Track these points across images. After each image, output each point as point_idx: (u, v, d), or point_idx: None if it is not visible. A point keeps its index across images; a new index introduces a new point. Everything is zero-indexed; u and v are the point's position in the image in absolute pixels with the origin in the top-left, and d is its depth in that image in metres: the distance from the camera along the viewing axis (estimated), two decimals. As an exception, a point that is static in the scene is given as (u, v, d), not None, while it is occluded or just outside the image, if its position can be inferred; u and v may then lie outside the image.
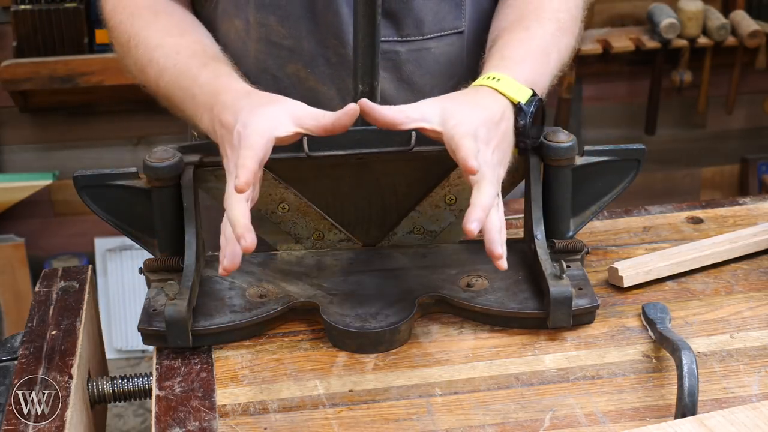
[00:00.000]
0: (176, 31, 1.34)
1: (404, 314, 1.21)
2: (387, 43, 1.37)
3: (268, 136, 1.12)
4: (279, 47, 1.38)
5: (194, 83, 1.26)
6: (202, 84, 1.25)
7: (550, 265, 1.22)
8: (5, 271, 3.10)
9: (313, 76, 1.39)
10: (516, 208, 1.47)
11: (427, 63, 1.40)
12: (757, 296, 1.28)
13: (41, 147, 3.19)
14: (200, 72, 1.27)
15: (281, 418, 1.10)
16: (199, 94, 1.25)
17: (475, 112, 1.17)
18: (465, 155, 1.10)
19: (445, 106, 1.17)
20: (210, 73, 1.26)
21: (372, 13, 1.27)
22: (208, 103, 1.22)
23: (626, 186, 1.31)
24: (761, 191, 3.43)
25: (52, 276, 1.33)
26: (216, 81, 1.24)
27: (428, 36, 1.39)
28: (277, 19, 1.37)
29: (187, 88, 1.27)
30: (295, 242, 1.34)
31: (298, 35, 1.37)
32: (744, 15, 3.19)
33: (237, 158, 1.10)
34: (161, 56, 1.31)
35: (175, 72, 1.29)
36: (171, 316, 1.16)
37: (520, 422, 1.09)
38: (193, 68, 1.28)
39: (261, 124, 1.13)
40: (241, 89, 1.22)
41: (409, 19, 1.37)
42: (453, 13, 1.39)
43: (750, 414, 1.01)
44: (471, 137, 1.12)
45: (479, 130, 1.14)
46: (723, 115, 3.42)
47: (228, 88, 1.22)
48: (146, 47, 1.33)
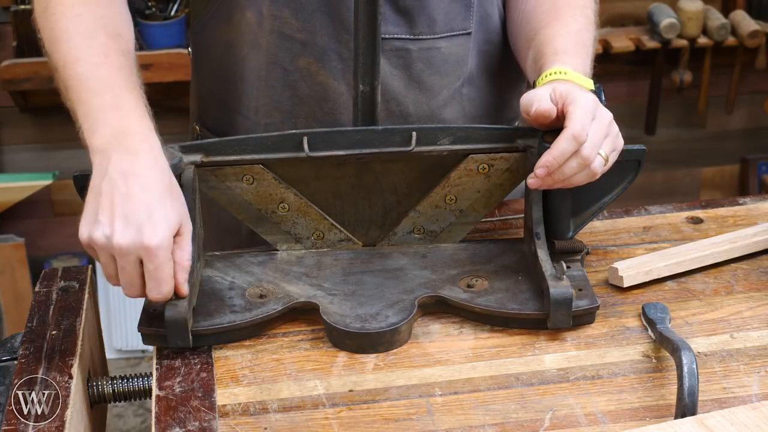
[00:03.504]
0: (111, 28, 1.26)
1: (404, 314, 1.21)
2: (399, 41, 1.37)
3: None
4: (291, 40, 1.38)
5: (107, 100, 1.19)
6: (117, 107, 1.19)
7: (551, 266, 1.22)
8: (5, 271, 3.10)
9: (324, 70, 1.39)
10: (516, 208, 1.47)
11: (436, 62, 1.41)
12: (757, 296, 1.28)
13: (41, 147, 3.19)
14: (124, 93, 1.20)
15: (281, 418, 1.10)
16: (104, 118, 1.18)
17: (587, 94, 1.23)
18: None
19: (556, 86, 1.22)
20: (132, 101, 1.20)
21: (373, 13, 1.27)
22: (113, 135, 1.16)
23: (626, 186, 1.31)
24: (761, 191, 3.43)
25: (52, 276, 1.33)
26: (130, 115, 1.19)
27: (439, 35, 1.40)
28: (291, 11, 1.36)
29: (95, 99, 1.20)
30: (295, 242, 1.34)
31: (311, 29, 1.37)
32: (744, 15, 3.19)
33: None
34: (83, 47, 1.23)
35: (93, 74, 1.22)
36: (171, 317, 1.16)
37: (520, 422, 1.09)
38: (116, 83, 1.21)
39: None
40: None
41: (423, 18, 1.38)
42: (462, 14, 1.40)
43: (750, 414, 1.01)
44: (585, 111, 1.19)
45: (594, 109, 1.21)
46: (723, 115, 3.42)
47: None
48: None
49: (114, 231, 1.10)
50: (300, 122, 1.41)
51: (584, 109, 1.19)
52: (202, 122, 1.52)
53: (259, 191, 1.29)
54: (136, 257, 1.11)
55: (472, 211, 1.33)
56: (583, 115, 1.18)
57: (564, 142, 1.18)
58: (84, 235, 1.12)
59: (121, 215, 1.11)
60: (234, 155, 1.27)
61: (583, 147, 1.18)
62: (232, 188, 1.29)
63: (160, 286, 1.13)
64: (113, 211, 1.11)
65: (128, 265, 1.12)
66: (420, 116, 1.42)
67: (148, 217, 1.11)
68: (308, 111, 1.40)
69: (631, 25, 3.25)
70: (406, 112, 1.40)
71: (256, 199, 1.30)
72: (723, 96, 3.38)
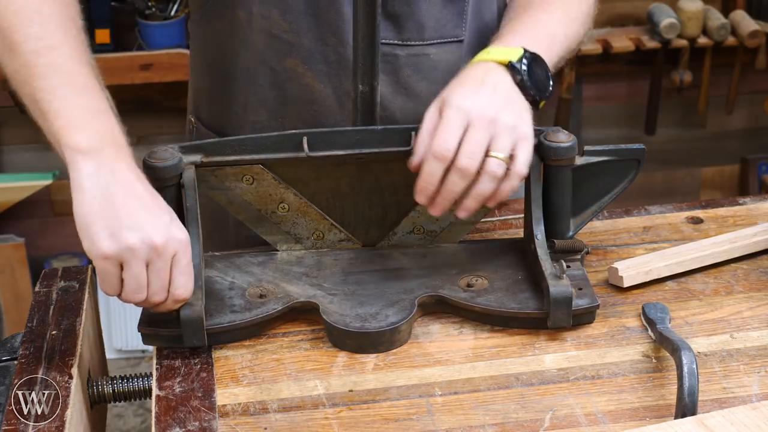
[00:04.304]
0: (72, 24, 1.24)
1: (404, 314, 1.21)
2: (387, 46, 1.37)
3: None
4: (279, 40, 1.38)
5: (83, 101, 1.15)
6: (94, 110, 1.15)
7: (550, 265, 1.22)
8: (5, 271, 3.10)
9: (311, 72, 1.39)
10: (516, 208, 1.47)
11: (425, 69, 1.40)
12: (757, 296, 1.28)
13: (41, 147, 3.18)
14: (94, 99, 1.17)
15: (281, 418, 1.10)
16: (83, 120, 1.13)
17: (452, 85, 1.22)
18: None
19: (441, 94, 1.23)
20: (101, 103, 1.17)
21: (372, 13, 1.27)
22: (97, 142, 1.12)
23: (626, 186, 1.31)
24: (761, 191, 3.43)
25: (52, 276, 1.33)
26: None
27: (428, 42, 1.39)
28: (279, 12, 1.37)
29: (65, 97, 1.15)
30: (295, 242, 1.34)
31: (298, 30, 1.37)
32: (744, 15, 3.19)
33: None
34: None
35: (71, 69, 1.18)
36: (187, 316, 1.16)
37: (520, 422, 1.09)
38: (92, 80, 1.19)
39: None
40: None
41: (411, 23, 1.37)
42: (454, 21, 1.39)
43: (750, 414, 1.01)
44: (450, 122, 1.18)
45: (447, 95, 1.20)
46: (723, 115, 3.42)
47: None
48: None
49: (151, 234, 1.10)
50: (286, 122, 1.41)
51: (448, 121, 1.17)
52: (197, 115, 1.53)
53: (259, 191, 1.29)
54: (170, 256, 1.12)
55: (472, 211, 1.33)
56: (446, 130, 1.17)
57: (427, 163, 1.18)
58: (107, 248, 1.09)
59: (151, 218, 1.11)
60: (234, 155, 1.27)
61: (457, 159, 1.16)
62: (231, 188, 1.29)
63: (189, 281, 1.14)
64: (141, 216, 1.10)
65: (164, 263, 1.12)
66: (407, 123, 1.41)
67: (171, 217, 1.13)
68: (294, 111, 1.41)
69: (631, 25, 3.25)
70: (393, 117, 1.40)
71: (256, 199, 1.30)
72: (723, 96, 3.38)
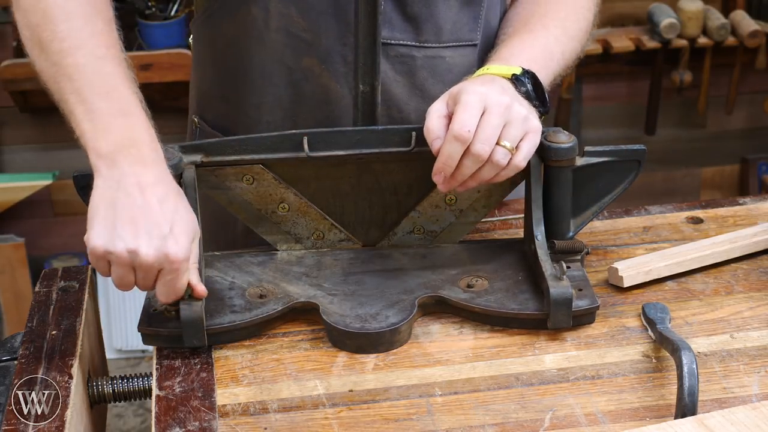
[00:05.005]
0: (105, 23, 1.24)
1: (404, 314, 1.21)
2: (404, 48, 1.37)
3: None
4: (297, 39, 1.37)
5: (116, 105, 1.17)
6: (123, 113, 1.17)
7: (551, 266, 1.22)
8: (5, 271, 3.10)
9: (327, 72, 1.38)
10: (516, 208, 1.47)
11: (440, 71, 1.40)
12: (757, 296, 1.28)
13: (41, 147, 3.19)
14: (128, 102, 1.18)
15: (281, 418, 1.10)
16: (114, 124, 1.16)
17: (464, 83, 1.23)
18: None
19: (451, 90, 1.23)
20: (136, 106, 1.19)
21: (373, 12, 1.27)
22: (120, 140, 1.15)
23: (627, 187, 1.31)
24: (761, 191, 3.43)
25: (52, 276, 1.33)
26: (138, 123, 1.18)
27: (445, 44, 1.39)
28: (298, 10, 1.36)
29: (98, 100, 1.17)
30: (295, 242, 1.34)
31: (317, 29, 1.36)
32: (744, 15, 3.19)
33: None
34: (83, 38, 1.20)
35: (98, 69, 1.19)
36: (187, 317, 1.16)
37: (520, 422, 1.09)
38: (120, 84, 1.19)
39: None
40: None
41: (429, 25, 1.37)
42: (470, 25, 1.39)
43: (750, 414, 1.01)
44: (468, 106, 1.18)
45: (463, 87, 1.21)
46: (723, 115, 3.42)
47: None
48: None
49: (139, 246, 1.10)
50: (300, 122, 1.41)
51: (467, 104, 1.18)
52: (201, 116, 1.51)
53: (259, 191, 1.29)
54: (158, 269, 1.13)
55: (472, 211, 1.33)
56: (465, 112, 1.17)
57: (447, 145, 1.18)
58: (99, 246, 1.11)
59: (144, 230, 1.11)
60: (234, 155, 1.27)
61: (473, 144, 1.17)
62: (232, 188, 1.29)
63: (175, 291, 1.15)
64: (135, 226, 1.11)
65: (148, 274, 1.13)
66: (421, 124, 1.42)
67: (170, 231, 1.12)
68: (309, 111, 1.40)
69: (631, 25, 3.25)
70: (408, 119, 1.40)
71: (256, 199, 1.30)
72: (723, 96, 3.38)
